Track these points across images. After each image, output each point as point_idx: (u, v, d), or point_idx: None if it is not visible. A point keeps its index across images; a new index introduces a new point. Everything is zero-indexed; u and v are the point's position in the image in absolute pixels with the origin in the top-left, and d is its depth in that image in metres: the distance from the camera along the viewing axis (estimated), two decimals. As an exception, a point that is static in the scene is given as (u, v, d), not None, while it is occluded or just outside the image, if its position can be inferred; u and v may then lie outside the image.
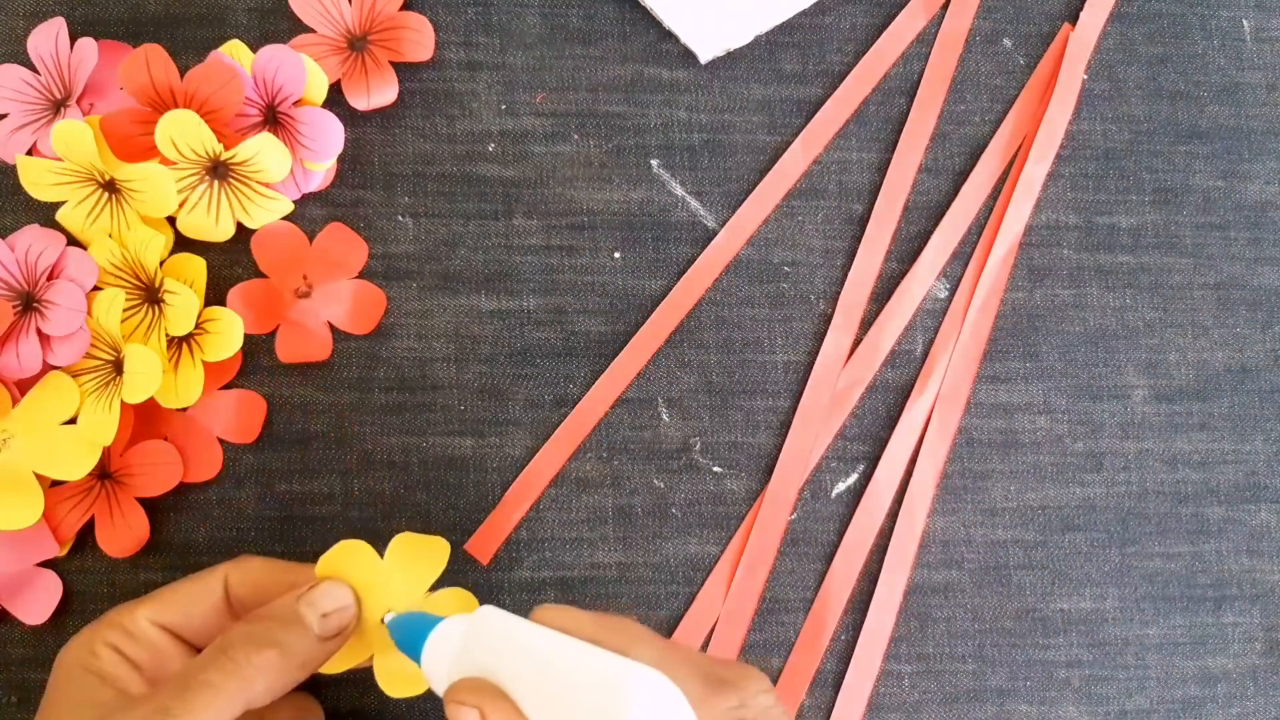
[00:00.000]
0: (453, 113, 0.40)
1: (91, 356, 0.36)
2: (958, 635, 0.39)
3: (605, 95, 0.41)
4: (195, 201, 0.38)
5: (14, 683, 0.36)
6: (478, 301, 0.39)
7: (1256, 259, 0.43)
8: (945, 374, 0.40)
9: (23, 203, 0.38)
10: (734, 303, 0.40)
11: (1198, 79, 0.43)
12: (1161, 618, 0.40)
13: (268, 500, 0.38)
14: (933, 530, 0.40)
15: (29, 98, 0.38)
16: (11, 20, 0.40)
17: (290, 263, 0.38)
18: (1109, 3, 0.43)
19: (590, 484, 0.39)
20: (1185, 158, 0.43)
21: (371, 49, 0.39)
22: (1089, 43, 0.43)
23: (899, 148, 0.42)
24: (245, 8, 0.40)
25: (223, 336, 0.37)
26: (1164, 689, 0.40)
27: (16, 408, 0.35)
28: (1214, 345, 0.42)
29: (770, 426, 0.40)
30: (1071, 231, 0.42)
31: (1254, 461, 0.41)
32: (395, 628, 0.31)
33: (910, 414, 0.40)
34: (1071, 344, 0.41)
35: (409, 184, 0.40)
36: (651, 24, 0.42)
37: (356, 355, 0.39)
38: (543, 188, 0.40)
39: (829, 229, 0.41)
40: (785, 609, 0.39)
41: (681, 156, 0.41)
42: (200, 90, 0.37)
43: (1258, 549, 0.41)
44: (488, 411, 0.39)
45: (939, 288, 0.41)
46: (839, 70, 0.42)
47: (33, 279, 0.36)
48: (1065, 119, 0.42)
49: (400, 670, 0.32)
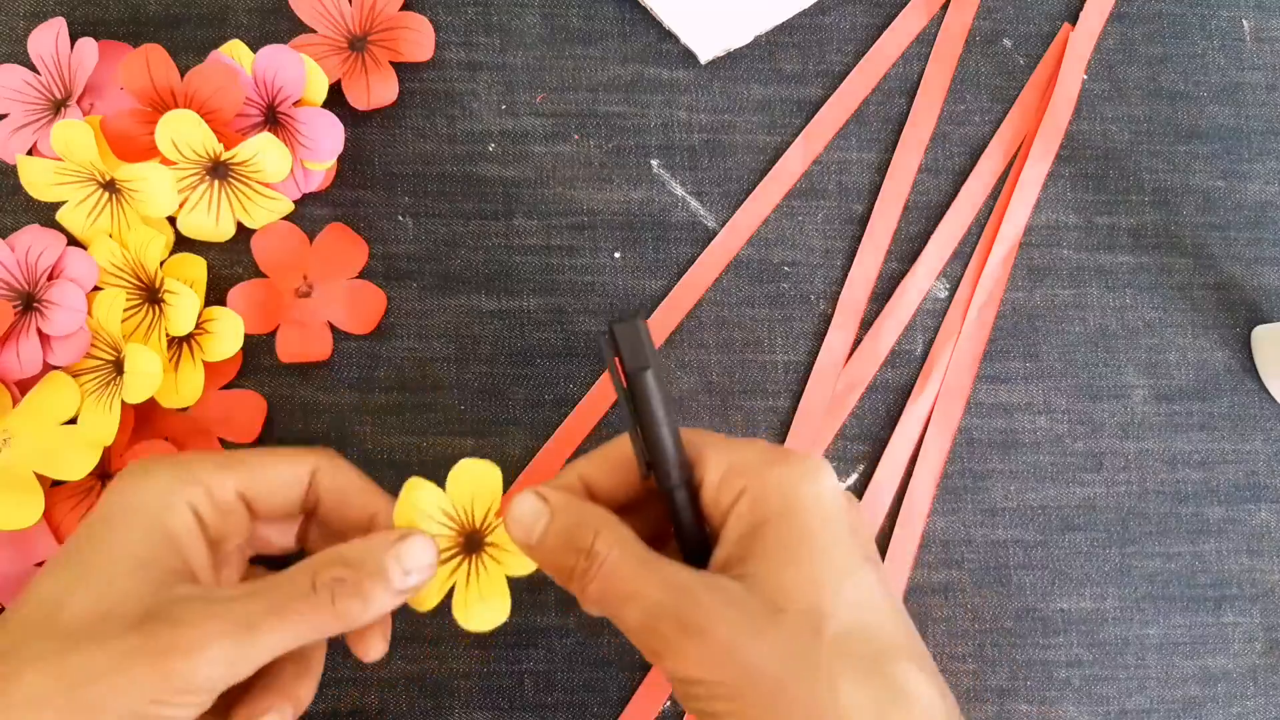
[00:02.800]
0: (453, 113, 0.40)
1: (92, 356, 0.36)
2: (958, 635, 0.39)
3: (605, 95, 0.41)
4: (195, 201, 0.38)
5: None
6: (478, 301, 0.39)
7: (1256, 259, 0.43)
8: (945, 374, 0.40)
9: (23, 203, 0.38)
10: (734, 303, 0.40)
11: (1198, 79, 0.43)
12: (1161, 617, 0.40)
13: (268, 500, 0.38)
14: (933, 530, 0.40)
15: (29, 98, 0.38)
16: (11, 20, 0.40)
17: (290, 263, 0.38)
18: (1109, 3, 0.43)
19: (590, 484, 0.39)
20: (1185, 158, 0.43)
21: (371, 49, 0.39)
22: (1089, 43, 0.43)
23: (899, 148, 0.42)
24: (245, 8, 0.40)
25: (223, 336, 0.37)
26: (1164, 689, 0.39)
27: (17, 408, 0.35)
28: (1214, 345, 0.42)
29: (770, 426, 0.40)
30: (1071, 231, 0.42)
31: (1254, 461, 0.41)
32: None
33: (910, 414, 0.40)
34: (1071, 344, 0.41)
35: (409, 184, 0.40)
36: (651, 24, 0.42)
37: (356, 355, 0.39)
38: (543, 188, 0.40)
39: (829, 229, 0.41)
40: (785, 609, 0.39)
41: (681, 156, 0.41)
42: (200, 90, 0.37)
43: (1258, 549, 0.41)
44: (488, 411, 0.39)
45: (939, 288, 0.41)
46: (839, 70, 0.42)
47: (33, 279, 0.36)
48: (1065, 119, 0.42)
49: (478, 599, 0.32)
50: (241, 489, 0.30)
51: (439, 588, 0.32)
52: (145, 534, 0.28)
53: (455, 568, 0.32)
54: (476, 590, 0.32)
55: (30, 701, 0.25)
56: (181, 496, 0.28)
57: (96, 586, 0.27)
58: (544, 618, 0.38)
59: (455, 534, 0.32)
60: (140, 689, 0.26)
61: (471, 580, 0.32)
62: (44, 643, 0.26)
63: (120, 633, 0.26)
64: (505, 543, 0.32)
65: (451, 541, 0.32)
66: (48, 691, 0.25)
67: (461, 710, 0.37)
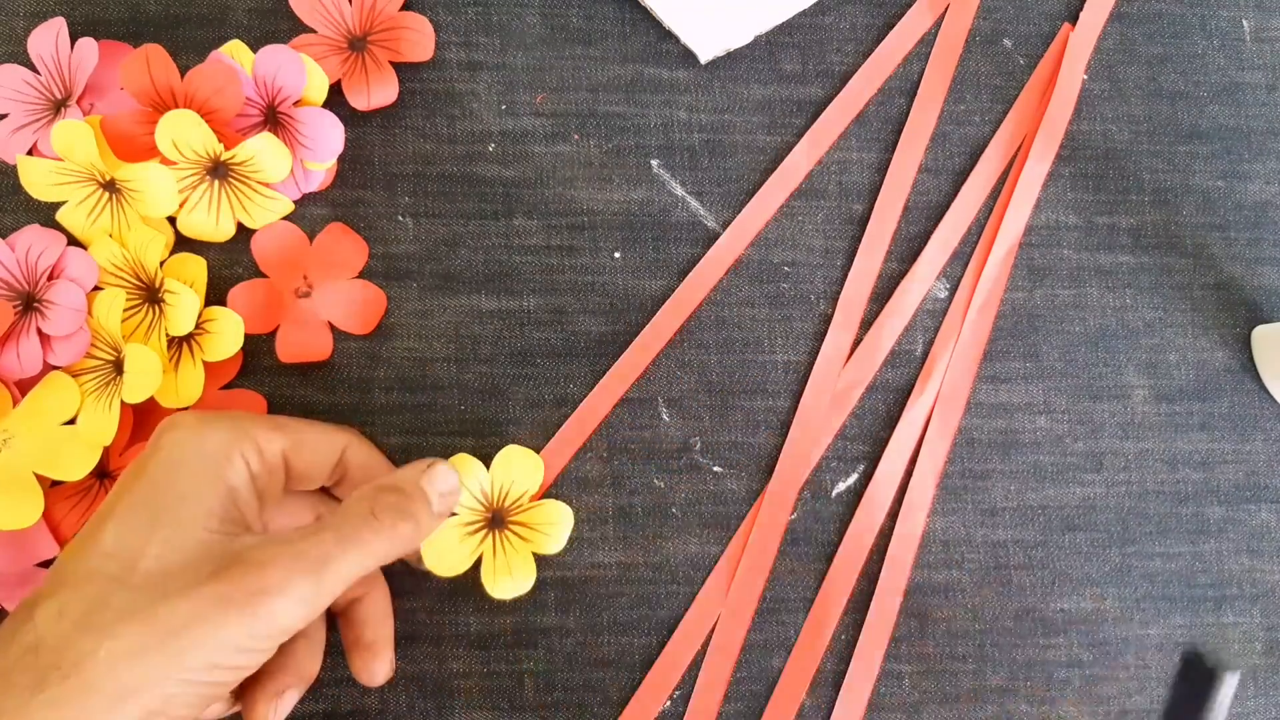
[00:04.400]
0: (453, 113, 0.40)
1: (92, 356, 0.36)
2: (958, 635, 0.39)
3: (605, 95, 0.41)
4: (195, 201, 0.38)
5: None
6: (478, 301, 0.39)
7: (1256, 259, 0.43)
8: (945, 374, 0.40)
9: (23, 203, 0.38)
10: (734, 303, 0.40)
11: (1198, 79, 0.43)
12: (1161, 618, 0.40)
13: (268, 500, 0.38)
14: (933, 530, 0.40)
15: (29, 98, 0.38)
16: (11, 20, 0.40)
17: (290, 263, 0.38)
18: (1109, 3, 0.43)
19: (590, 484, 0.39)
20: (1185, 158, 0.43)
21: (371, 49, 0.39)
22: (1089, 43, 0.43)
23: (899, 148, 0.42)
24: (245, 8, 0.40)
25: (223, 336, 0.37)
26: (1164, 689, 0.39)
27: (17, 408, 0.35)
28: (1214, 345, 0.42)
29: (770, 426, 0.40)
30: (1071, 231, 0.42)
31: (1254, 461, 0.41)
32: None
33: (910, 414, 0.40)
34: (1072, 344, 0.41)
35: (409, 184, 0.40)
36: (651, 24, 0.42)
37: (356, 355, 0.39)
38: (543, 188, 0.40)
39: (829, 229, 0.41)
40: (785, 609, 0.39)
41: (681, 156, 0.41)
42: (200, 90, 0.37)
43: (1258, 549, 0.41)
44: (488, 411, 0.39)
45: (939, 288, 0.41)
46: (839, 70, 0.42)
47: (33, 279, 0.36)
48: (1065, 119, 0.42)
49: (506, 572, 0.36)
50: (287, 451, 0.31)
51: (465, 558, 0.36)
52: (211, 484, 0.28)
53: (481, 541, 0.36)
54: (505, 563, 0.36)
55: (132, 653, 0.25)
56: (239, 450, 0.29)
57: (172, 537, 0.27)
58: (544, 618, 0.38)
59: (483, 510, 0.36)
60: (228, 636, 0.26)
61: (499, 554, 0.36)
62: (128, 594, 0.26)
63: (204, 580, 0.26)
64: (532, 523, 0.37)
65: (479, 516, 0.36)
66: (146, 645, 0.25)
67: (461, 710, 0.37)
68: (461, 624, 0.37)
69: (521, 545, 0.37)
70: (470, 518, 0.36)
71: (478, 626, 0.37)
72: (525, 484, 0.37)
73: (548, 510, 0.37)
